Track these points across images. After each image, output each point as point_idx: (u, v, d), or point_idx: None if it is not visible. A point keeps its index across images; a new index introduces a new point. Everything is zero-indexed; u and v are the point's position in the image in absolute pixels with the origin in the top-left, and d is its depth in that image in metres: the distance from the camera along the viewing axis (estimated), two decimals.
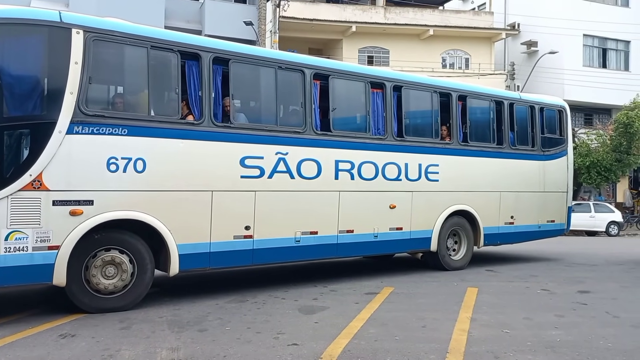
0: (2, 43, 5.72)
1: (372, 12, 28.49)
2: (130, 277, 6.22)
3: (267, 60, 7.59)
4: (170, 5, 23.43)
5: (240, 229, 7.05)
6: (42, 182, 5.63)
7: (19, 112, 5.68)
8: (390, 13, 28.67)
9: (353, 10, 28.00)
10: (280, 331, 5.39)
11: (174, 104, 6.71)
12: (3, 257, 5.42)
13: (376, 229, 8.39)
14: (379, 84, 8.57)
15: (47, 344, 4.88)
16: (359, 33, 27.86)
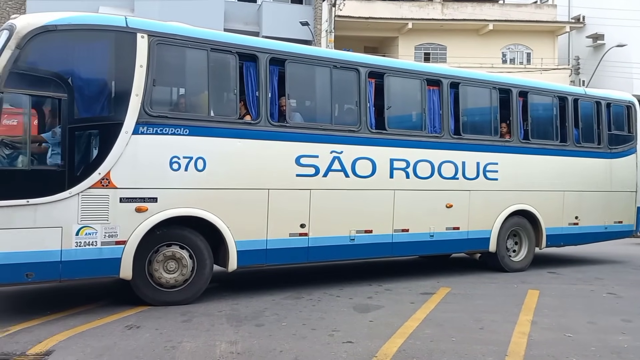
0: (73, 48, 6.07)
1: (429, 8, 28.08)
2: (190, 271, 6.44)
3: (322, 59, 7.65)
4: (229, 8, 23.99)
5: (295, 227, 7.15)
6: (110, 180, 5.92)
7: (89, 113, 5.99)
8: (448, 9, 28.17)
9: (409, 7, 27.71)
10: (335, 328, 5.44)
11: (232, 105, 6.89)
12: (74, 251, 5.74)
13: (432, 229, 8.29)
14: (436, 81, 8.45)
15: (114, 334, 5.14)
16: (416, 30, 27.56)
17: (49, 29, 5.73)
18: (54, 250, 5.64)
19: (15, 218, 5.46)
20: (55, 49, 5.90)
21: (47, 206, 5.61)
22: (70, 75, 5.88)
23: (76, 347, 4.73)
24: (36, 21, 5.74)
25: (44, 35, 5.70)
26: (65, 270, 5.71)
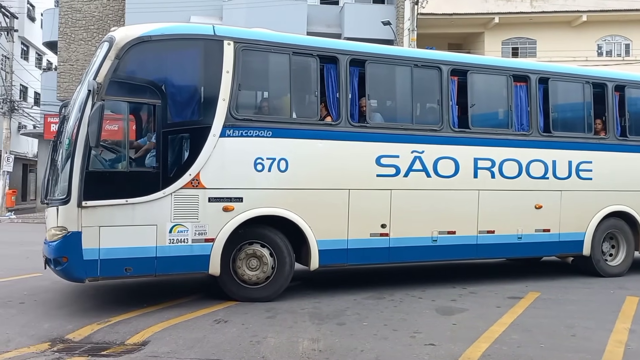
0: (166, 57, 6.47)
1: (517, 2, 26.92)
2: (271, 269, 6.61)
3: (403, 58, 7.60)
4: (311, 12, 24.36)
5: (376, 227, 7.15)
6: (200, 180, 6.23)
7: (180, 118, 6.35)
8: (537, 1, 26.87)
9: (496, 1, 26.72)
10: (417, 330, 5.39)
11: (313, 106, 7.02)
12: (168, 247, 6.10)
13: (520, 230, 7.97)
14: (523, 76, 8.12)
15: (204, 327, 5.41)
16: (503, 24, 26.53)
17: (144, 40, 6.14)
18: (149, 247, 6.03)
19: (116, 216, 5.90)
20: (150, 58, 6.31)
21: (143, 205, 6.01)
22: (164, 82, 6.26)
23: (170, 339, 5.02)
24: (133, 33, 6.17)
25: (140, 46, 6.11)
26: (160, 266, 6.08)
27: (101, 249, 5.81)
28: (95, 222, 5.80)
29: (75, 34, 24.78)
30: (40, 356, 4.56)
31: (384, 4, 25.66)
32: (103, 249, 5.82)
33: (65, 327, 5.38)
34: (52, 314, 5.91)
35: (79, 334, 5.17)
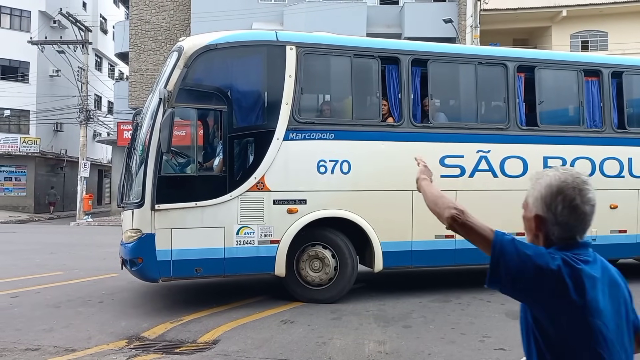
0: (231, 64, 6.67)
1: None
2: (334, 271, 6.64)
3: (467, 57, 7.46)
4: (371, 13, 24.31)
5: (441, 229, 6.91)
6: (265, 183, 6.37)
7: (245, 123, 6.51)
8: None
9: None
10: (486, 334, 5.26)
11: (375, 108, 7.02)
12: (235, 249, 6.28)
13: (594, 232, 7.59)
14: (594, 71, 7.77)
15: (271, 327, 5.52)
16: (571, 17, 25.44)
17: (210, 48, 6.35)
18: (218, 248, 6.23)
19: (186, 219, 6.13)
20: (216, 65, 6.52)
21: (212, 208, 6.21)
22: (229, 89, 6.45)
23: (239, 338, 5.16)
24: (200, 42, 6.39)
25: (207, 54, 6.33)
26: (228, 267, 6.27)
27: (173, 250, 6.05)
28: (168, 225, 6.05)
29: (145, 44, 25.92)
30: (118, 353, 4.80)
31: (445, 1, 25.22)
32: (175, 250, 6.06)
33: (141, 325, 5.64)
34: (129, 313, 6.21)
35: (153, 332, 5.41)
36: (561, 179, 1.59)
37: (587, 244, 1.61)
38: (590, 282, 1.49)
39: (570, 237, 1.59)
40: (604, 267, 1.58)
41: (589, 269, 1.52)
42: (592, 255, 1.58)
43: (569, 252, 1.55)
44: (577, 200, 1.57)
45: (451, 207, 1.75)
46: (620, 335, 1.52)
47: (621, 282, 1.60)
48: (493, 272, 1.56)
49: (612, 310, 1.52)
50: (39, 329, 5.54)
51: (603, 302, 1.50)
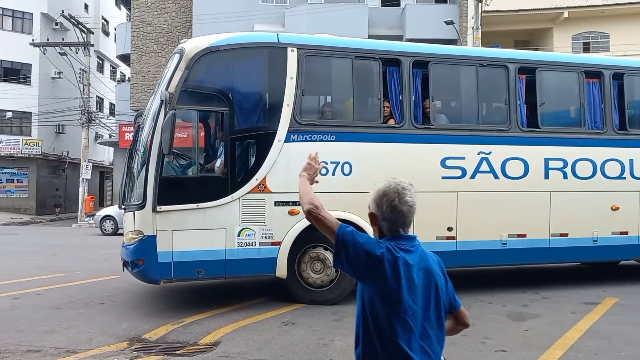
0: (232, 66, 6.68)
1: None
2: (335, 272, 6.63)
3: (468, 58, 7.47)
4: (373, 14, 24.33)
5: (442, 230, 7.04)
6: (266, 185, 6.38)
7: (247, 124, 6.52)
8: None
9: None
10: (488, 336, 5.26)
11: (376, 109, 7.03)
12: (237, 250, 6.28)
13: (595, 233, 7.60)
14: (595, 72, 7.77)
15: (272, 329, 5.52)
16: (572, 19, 25.40)
17: (212, 50, 6.36)
18: (219, 250, 6.23)
19: (188, 220, 6.14)
20: (217, 67, 6.53)
21: (213, 209, 6.22)
22: (231, 90, 6.46)
23: (240, 340, 5.16)
24: (201, 44, 6.41)
25: (208, 56, 6.34)
26: (230, 268, 6.27)
27: (174, 252, 6.06)
28: (169, 226, 6.05)
29: (147, 46, 25.97)
30: (119, 354, 4.80)
31: (446, 3, 25.23)
32: (176, 251, 6.07)
33: (142, 327, 5.65)
34: (130, 314, 6.22)
35: (154, 333, 5.42)
36: (386, 185, 2.05)
37: (411, 236, 2.05)
38: (405, 267, 1.95)
39: (395, 230, 2.03)
40: (422, 256, 2.02)
41: (407, 256, 1.97)
42: (415, 246, 2.02)
43: (393, 242, 2.00)
44: (396, 201, 2.00)
45: (310, 203, 2.15)
46: (426, 310, 1.97)
47: (437, 270, 2.03)
48: (336, 256, 2.03)
49: (422, 290, 1.97)
50: (40, 330, 5.55)
51: (416, 283, 1.95)
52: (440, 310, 2.01)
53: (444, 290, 2.05)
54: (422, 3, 25.18)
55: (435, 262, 2.06)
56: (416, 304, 1.94)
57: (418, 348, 1.94)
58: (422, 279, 1.97)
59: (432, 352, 1.97)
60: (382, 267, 1.93)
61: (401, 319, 1.92)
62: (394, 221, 2.01)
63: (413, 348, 1.92)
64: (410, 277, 1.93)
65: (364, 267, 1.96)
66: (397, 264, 1.93)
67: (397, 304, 1.92)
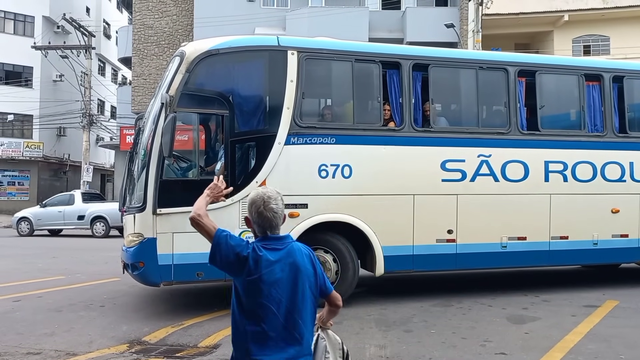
0: (233, 69, 6.68)
1: None
2: (335, 275, 6.62)
3: (468, 61, 7.49)
4: (373, 18, 24.38)
5: (442, 233, 7.04)
6: None
7: (247, 127, 6.52)
8: None
9: None
10: (487, 339, 5.25)
11: (376, 112, 7.04)
12: None
13: (595, 236, 7.60)
14: (595, 75, 7.78)
15: None
16: (573, 22, 25.42)
17: (212, 53, 6.38)
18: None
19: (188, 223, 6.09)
20: (218, 70, 6.54)
21: (213, 212, 6.05)
22: (231, 93, 6.46)
23: None
24: (201, 47, 6.42)
25: (209, 59, 6.35)
26: None
27: (175, 255, 6.07)
28: (169, 229, 6.06)
29: (148, 49, 26.02)
30: (119, 357, 4.81)
31: (446, 6, 25.27)
32: (176, 254, 6.07)
33: (142, 329, 5.65)
34: (130, 317, 6.22)
35: (154, 336, 5.42)
36: (255, 194, 2.42)
37: (280, 237, 2.40)
38: (267, 263, 2.30)
39: (263, 232, 2.39)
40: (290, 252, 2.36)
41: (271, 254, 2.32)
42: (284, 244, 2.38)
43: (262, 242, 2.37)
44: (262, 208, 2.36)
45: (196, 211, 2.49)
46: (293, 297, 2.32)
47: (304, 263, 2.38)
48: (211, 256, 2.38)
49: (288, 281, 2.32)
50: (40, 333, 5.56)
51: (279, 276, 2.30)
52: (308, 297, 2.38)
53: (313, 279, 2.41)
54: (422, 6, 25.23)
55: (304, 255, 2.41)
56: (280, 294, 2.31)
57: (283, 331, 2.31)
58: (288, 273, 2.33)
59: (298, 334, 2.34)
60: (248, 265, 2.29)
61: (265, 306, 2.29)
62: (261, 225, 2.38)
63: (277, 331, 2.30)
64: (273, 272, 2.30)
65: (234, 264, 2.32)
66: (259, 262, 2.29)
67: (260, 295, 2.29)
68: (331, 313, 2.63)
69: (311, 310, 2.39)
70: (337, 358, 2.68)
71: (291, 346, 2.31)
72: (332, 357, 2.63)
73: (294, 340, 2.32)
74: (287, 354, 2.30)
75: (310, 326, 2.41)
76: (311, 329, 2.43)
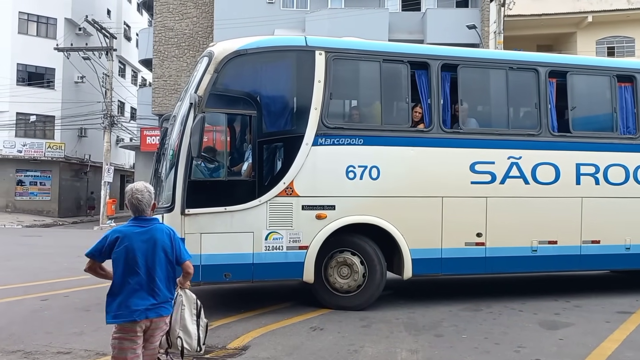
0: (261, 69, 6.66)
1: None
2: (362, 277, 6.55)
3: (497, 61, 7.37)
4: (393, 19, 24.26)
5: (471, 236, 6.93)
6: (294, 189, 6.33)
7: (274, 128, 6.49)
8: None
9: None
10: (521, 345, 5.14)
11: (404, 113, 6.96)
12: (264, 254, 6.24)
13: (628, 240, 7.43)
14: (628, 76, 7.62)
15: (301, 334, 5.47)
16: (597, 23, 25.04)
17: (240, 53, 6.36)
18: (247, 253, 6.20)
19: (216, 223, 6.11)
20: (246, 70, 6.52)
21: (241, 213, 6.19)
22: (259, 94, 6.44)
23: (268, 344, 5.11)
24: (230, 47, 6.40)
25: (237, 59, 6.33)
26: (257, 272, 6.23)
27: (202, 255, 6.04)
28: (197, 229, 6.04)
29: (168, 51, 26.20)
30: None
31: (467, 7, 25.05)
32: (204, 255, 6.05)
33: None
34: None
35: None
36: (129, 187, 3.40)
37: (147, 218, 3.35)
38: (127, 239, 3.25)
39: (134, 213, 3.35)
40: (152, 230, 3.32)
41: (134, 231, 3.29)
42: (149, 223, 3.35)
43: (133, 221, 3.35)
44: (130, 197, 3.33)
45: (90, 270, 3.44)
46: (152, 264, 3.27)
47: (163, 238, 3.33)
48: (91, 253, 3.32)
49: (148, 250, 3.27)
50: (69, 332, 5.57)
51: (141, 245, 3.26)
52: (163, 262, 3.31)
53: (170, 250, 3.34)
54: (443, 7, 25.04)
55: (164, 233, 3.35)
56: (142, 259, 3.24)
57: (145, 285, 3.25)
58: (148, 244, 3.27)
59: (157, 288, 3.28)
60: (112, 244, 3.24)
61: (132, 271, 3.23)
62: (131, 208, 3.34)
63: (141, 285, 3.24)
64: (132, 246, 3.23)
65: (106, 248, 3.26)
66: (122, 237, 3.25)
67: (127, 263, 3.23)
68: (185, 277, 3.55)
69: (167, 272, 3.34)
70: (192, 309, 3.68)
71: (151, 296, 3.26)
72: (187, 308, 3.63)
73: (153, 292, 3.27)
74: (149, 301, 3.25)
75: (166, 283, 3.33)
76: (168, 285, 3.35)
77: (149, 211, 3.33)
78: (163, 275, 3.29)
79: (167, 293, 3.34)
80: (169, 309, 3.40)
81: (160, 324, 3.37)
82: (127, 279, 3.21)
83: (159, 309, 3.30)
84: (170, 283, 3.36)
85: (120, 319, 3.26)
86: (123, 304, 3.23)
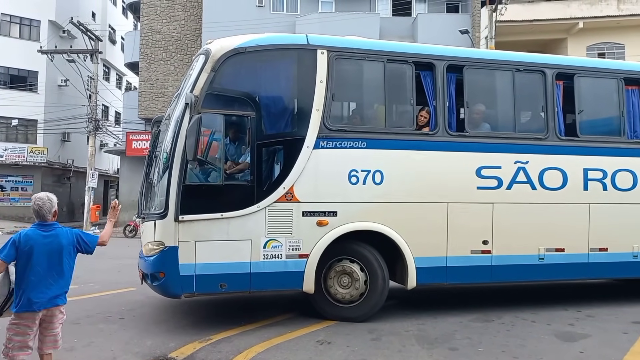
0: (260, 68, 6.32)
1: (603, 5, 25.40)
2: (364, 285, 6.22)
3: (504, 63, 7.13)
4: (384, 24, 24.09)
5: (477, 244, 6.66)
6: (294, 194, 6.00)
7: (274, 130, 6.16)
8: (625, 3, 25.22)
9: (579, 5, 25.30)
10: (541, 358, 4.88)
11: (408, 115, 6.69)
12: (262, 263, 5.89)
13: (636, 248, 7.21)
14: (636, 79, 7.43)
15: (308, 348, 5.12)
16: (587, 29, 25.07)
17: (239, 51, 6.03)
18: (244, 262, 5.84)
19: (211, 231, 5.75)
20: (244, 69, 6.18)
21: (238, 219, 5.84)
22: (258, 94, 6.12)
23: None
24: (228, 44, 6.07)
25: (235, 57, 6.00)
26: (255, 282, 5.87)
27: (197, 265, 5.69)
28: (192, 237, 5.68)
29: (155, 54, 25.74)
30: None
31: (458, 13, 24.98)
32: (199, 264, 5.69)
33: (168, 344, 5.25)
34: (152, 331, 5.81)
35: (181, 352, 5.01)
36: (34, 196, 4.00)
37: (50, 223, 3.94)
38: (31, 241, 3.82)
39: (37, 218, 3.91)
40: (54, 234, 3.91)
41: (35, 234, 3.86)
42: (52, 228, 3.94)
43: (37, 225, 3.91)
44: (33, 205, 3.91)
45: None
46: (51, 264, 3.87)
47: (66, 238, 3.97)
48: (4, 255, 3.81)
49: (47, 253, 3.85)
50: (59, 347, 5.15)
51: (43, 248, 3.84)
52: (63, 264, 3.92)
53: (80, 245, 4.04)
54: (433, 12, 24.94)
55: (65, 234, 3.97)
56: (40, 261, 3.80)
57: (44, 285, 3.82)
58: (49, 247, 3.85)
59: (57, 287, 3.88)
60: (15, 248, 3.77)
61: (34, 271, 3.78)
62: (34, 214, 3.90)
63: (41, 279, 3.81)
64: (31, 249, 3.79)
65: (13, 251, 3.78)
66: (23, 243, 3.79)
67: (27, 264, 3.79)
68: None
69: (66, 273, 3.95)
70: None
71: (50, 289, 3.85)
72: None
73: (52, 286, 3.85)
74: (47, 294, 3.83)
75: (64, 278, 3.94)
76: (67, 280, 3.97)
77: (50, 217, 3.90)
78: (62, 272, 3.92)
79: (65, 287, 3.96)
80: (64, 299, 3.99)
81: (55, 312, 3.95)
82: (31, 275, 3.78)
83: (55, 300, 3.90)
84: (69, 277, 4.01)
85: (22, 309, 3.80)
86: (24, 297, 3.78)
